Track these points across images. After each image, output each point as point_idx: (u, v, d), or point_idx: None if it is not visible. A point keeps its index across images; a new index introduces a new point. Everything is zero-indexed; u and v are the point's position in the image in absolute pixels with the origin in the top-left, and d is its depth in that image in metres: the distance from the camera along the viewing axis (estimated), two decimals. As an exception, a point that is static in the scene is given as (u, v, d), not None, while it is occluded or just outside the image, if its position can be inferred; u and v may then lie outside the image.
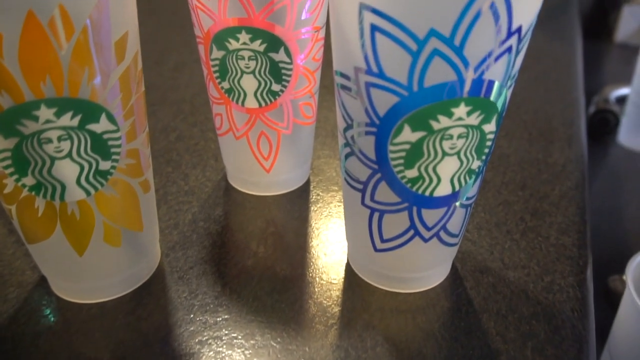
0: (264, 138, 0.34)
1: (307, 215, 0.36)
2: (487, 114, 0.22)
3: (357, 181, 0.26)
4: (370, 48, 0.21)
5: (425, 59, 0.20)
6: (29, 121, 0.21)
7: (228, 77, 0.32)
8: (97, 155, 0.24)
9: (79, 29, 0.20)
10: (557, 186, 0.38)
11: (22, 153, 0.22)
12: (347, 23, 0.22)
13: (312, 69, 0.33)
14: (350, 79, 0.23)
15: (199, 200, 0.37)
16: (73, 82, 0.21)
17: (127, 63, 0.23)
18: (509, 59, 0.21)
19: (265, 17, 0.29)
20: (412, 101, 0.21)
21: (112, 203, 0.25)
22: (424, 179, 0.24)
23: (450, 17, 0.19)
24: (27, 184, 0.23)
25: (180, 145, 0.44)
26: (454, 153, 0.23)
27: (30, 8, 0.19)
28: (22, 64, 0.20)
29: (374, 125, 0.23)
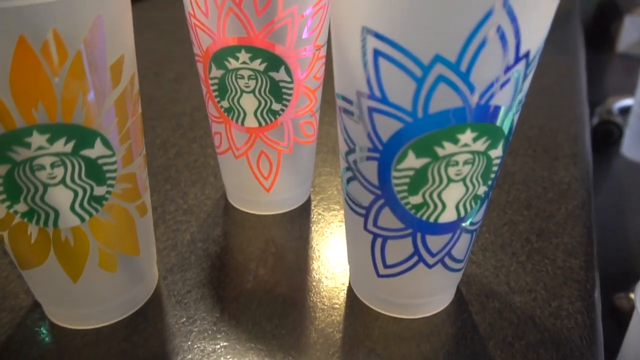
0: (264, 157, 0.34)
1: (308, 236, 0.35)
2: (493, 140, 0.22)
3: (360, 206, 0.25)
4: (373, 73, 0.20)
5: (430, 85, 0.20)
6: (20, 148, 0.21)
7: (227, 96, 0.31)
8: (92, 180, 0.23)
9: (73, 54, 0.20)
10: (563, 205, 0.37)
11: (13, 180, 0.21)
12: (349, 47, 0.21)
13: (313, 87, 0.32)
14: (352, 103, 0.23)
15: (197, 219, 0.36)
16: (67, 107, 0.20)
17: (123, 86, 0.22)
18: (516, 84, 0.21)
19: (265, 36, 0.28)
20: (417, 127, 0.21)
21: (107, 228, 0.25)
22: (429, 205, 0.23)
23: (456, 42, 0.19)
24: (19, 210, 0.23)
25: (180, 162, 0.43)
26: (460, 179, 0.22)
27: (22, 34, 0.18)
28: (14, 90, 0.19)
29: (377, 151, 0.22)
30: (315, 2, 0.29)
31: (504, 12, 0.18)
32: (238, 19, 0.28)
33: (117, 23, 0.21)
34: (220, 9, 0.28)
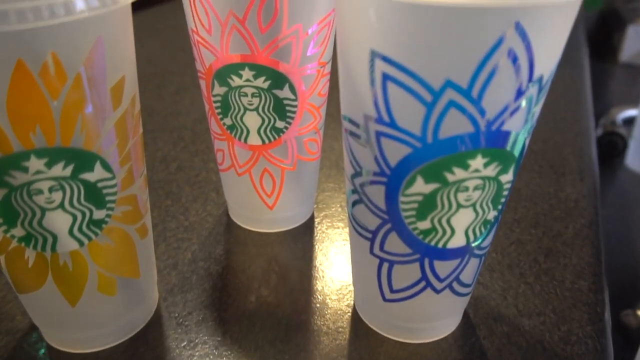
0: (267, 175, 0.33)
1: (312, 255, 0.34)
2: (504, 165, 0.21)
3: (366, 229, 0.25)
4: (382, 97, 0.20)
5: (440, 111, 0.19)
6: (17, 172, 0.20)
7: (230, 114, 0.31)
8: (91, 204, 0.22)
9: (72, 77, 0.19)
10: (571, 224, 0.37)
11: (10, 204, 0.21)
12: (356, 69, 0.20)
13: (317, 104, 0.32)
14: (359, 126, 0.22)
15: (199, 237, 0.36)
16: (65, 131, 0.20)
17: (124, 107, 0.22)
18: (528, 108, 0.20)
19: (269, 54, 0.28)
20: (426, 153, 0.20)
21: (106, 252, 0.24)
22: (437, 231, 0.23)
23: (467, 68, 0.18)
24: (16, 235, 0.22)
25: (181, 177, 0.42)
26: (470, 205, 0.22)
27: (20, 57, 0.18)
28: (11, 115, 0.19)
29: (384, 175, 0.22)
30: (320, 19, 0.28)
31: (517, 36, 0.17)
32: (242, 36, 0.27)
33: (118, 43, 0.21)
34: (224, 26, 0.27)
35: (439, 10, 0.17)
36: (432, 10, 0.17)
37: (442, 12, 0.17)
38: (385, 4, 0.18)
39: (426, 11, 0.17)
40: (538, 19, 0.17)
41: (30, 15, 0.16)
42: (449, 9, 0.17)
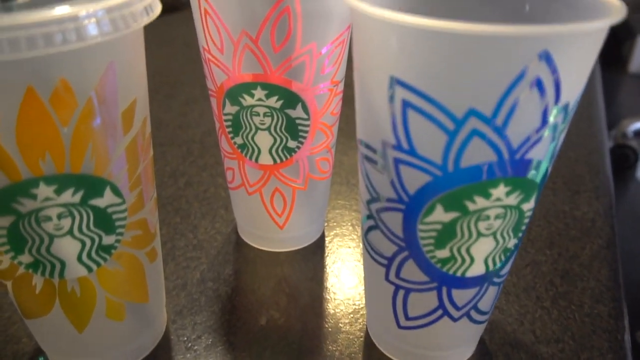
0: (278, 194, 0.33)
1: (323, 276, 0.34)
2: (527, 194, 0.20)
3: (381, 256, 0.24)
4: (401, 124, 0.19)
5: (462, 139, 0.18)
6: (26, 199, 0.19)
7: (241, 133, 0.30)
8: (101, 230, 0.22)
9: (83, 103, 0.18)
10: (587, 244, 0.36)
11: (18, 231, 0.20)
12: (375, 95, 0.20)
13: (329, 123, 0.31)
14: (376, 152, 0.21)
15: (208, 256, 0.35)
16: (75, 157, 0.19)
17: (134, 132, 0.21)
18: (553, 136, 0.19)
19: (282, 74, 0.27)
20: (447, 181, 0.19)
21: (115, 278, 0.24)
22: (456, 259, 0.22)
23: (492, 96, 0.17)
24: (23, 261, 0.21)
25: (189, 192, 0.42)
26: (490, 233, 0.21)
27: (30, 84, 0.17)
28: (20, 143, 0.18)
29: (402, 203, 0.21)
30: (334, 38, 0.28)
31: (544, 64, 0.17)
32: (254, 55, 0.27)
33: (130, 67, 0.20)
34: (236, 45, 0.27)
35: (463, 38, 0.16)
36: (456, 37, 0.16)
37: (467, 40, 0.16)
38: (408, 31, 0.17)
39: (450, 39, 0.16)
40: (566, 47, 0.17)
41: (41, 42, 0.16)
42: (474, 37, 0.16)
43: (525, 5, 0.23)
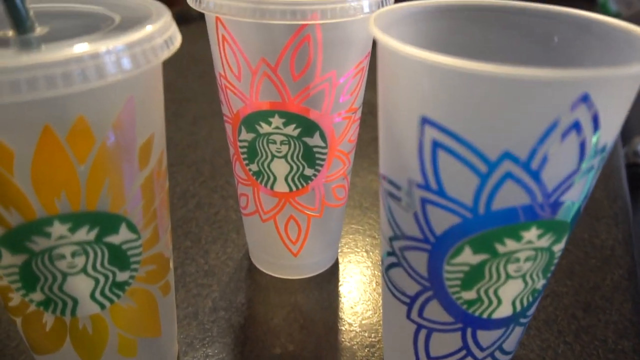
0: (292, 222, 0.32)
1: (337, 305, 0.33)
2: (558, 235, 0.20)
3: (403, 294, 0.23)
4: (430, 164, 0.18)
5: (495, 182, 0.18)
6: (40, 238, 0.19)
7: (257, 160, 0.29)
8: (115, 267, 0.21)
9: (101, 140, 0.18)
10: (608, 275, 0.35)
11: (30, 270, 0.20)
12: (403, 133, 0.19)
13: (346, 150, 0.30)
14: (400, 189, 0.21)
15: (219, 283, 0.34)
16: (91, 195, 0.19)
17: (151, 167, 0.21)
18: (589, 178, 0.18)
19: (301, 102, 0.27)
20: (477, 224, 0.19)
21: (128, 314, 0.23)
22: (483, 301, 0.21)
23: (528, 139, 0.17)
24: (34, 299, 0.21)
25: (200, 215, 0.41)
26: (519, 276, 0.20)
27: (47, 122, 0.16)
28: (35, 181, 0.17)
29: (429, 243, 0.20)
30: (354, 66, 0.27)
31: (584, 108, 0.16)
32: (273, 83, 0.26)
33: (149, 101, 0.20)
34: (255, 72, 0.26)
35: (500, 79, 0.15)
36: (494, 79, 0.16)
37: (504, 82, 0.16)
38: (442, 71, 0.16)
39: (487, 80, 0.16)
40: (607, 90, 0.16)
41: (60, 81, 0.15)
42: (511, 79, 0.15)
43: (553, 37, 0.22)
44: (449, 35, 0.23)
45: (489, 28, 0.23)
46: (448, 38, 0.23)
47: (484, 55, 0.23)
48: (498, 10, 0.23)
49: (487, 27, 0.23)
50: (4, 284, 0.20)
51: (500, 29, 0.23)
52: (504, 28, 0.23)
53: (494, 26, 0.23)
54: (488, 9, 0.23)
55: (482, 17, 0.23)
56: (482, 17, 0.23)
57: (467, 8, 0.23)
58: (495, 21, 0.23)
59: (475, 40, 0.23)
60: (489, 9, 0.23)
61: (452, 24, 0.23)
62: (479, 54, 0.23)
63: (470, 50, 0.23)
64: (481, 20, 0.23)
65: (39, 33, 0.19)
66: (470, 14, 0.23)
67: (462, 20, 0.23)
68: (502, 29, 0.23)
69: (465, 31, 0.23)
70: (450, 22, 0.23)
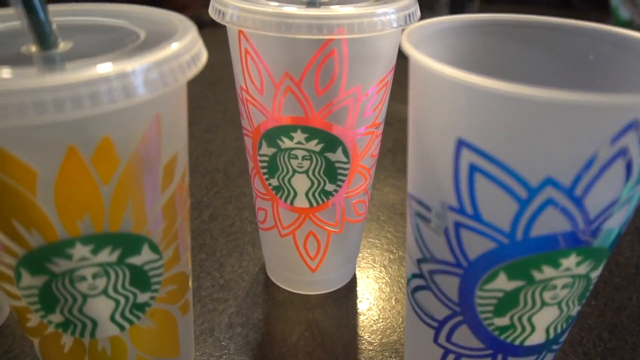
0: (312, 238, 0.31)
1: (356, 323, 0.32)
2: (597, 262, 0.19)
3: (431, 318, 0.22)
4: (467, 188, 0.18)
5: (535, 208, 0.17)
6: (61, 259, 0.18)
7: (277, 175, 0.29)
8: (136, 288, 0.20)
9: (125, 160, 0.17)
10: (634, 294, 0.34)
11: (50, 291, 0.19)
12: (437, 156, 0.18)
13: (368, 165, 0.30)
14: (430, 210, 0.20)
15: (236, 298, 0.34)
16: (114, 216, 0.18)
17: (174, 186, 0.20)
18: (632, 203, 0.18)
19: (324, 117, 0.26)
20: (513, 250, 0.18)
21: (148, 335, 0.22)
22: (516, 328, 0.20)
23: (573, 165, 0.16)
24: (53, 320, 0.20)
25: (215, 226, 0.41)
26: (555, 303, 0.20)
27: (72, 143, 0.16)
28: (58, 203, 0.17)
29: (461, 267, 0.20)
30: (378, 81, 0.26)
31: (633, 134, 0.15)
32: (296, 98, 0.25)
33: (174, 119, 0.19)
34: (278, 87, 0.25)
35: (545, 103, 0.15)
36: (537, 103, 0.15)
37: (549, 106, 0.15)
38: (483, 93, 0.16)
39: (532, 104, 0.15)
40: (657, 115, 0.15)
41: (87, 102, 0.15)
42: (557, 104, 0.15)
43: (589, 54, 0.22)
44: (481, 51, 0.22)
45: (522, 44, 0.23)
46: (479, 54, 0.22)
47: (517, 73, 0.23)
48: (530, 26, 0.22)
49: (520, 43, 0.23)
50: (23, 304, 0.20)
51: (533, 45, 0.23)
52: (536, 44, 0.23)
53: (527, 42, 0.23)
54: (520, 25, 0.22)
55: (514, 33, 0.23)
56: (514, 32, 0.23)
57: (499, 23, 0.23)
58: (528, 37, 0.23)
59: (507, 56, 0.23)
60: (521, 25, 0.22)
61: (484, 39, 0.22)
62: (512, 72, 0.22)
63: (502, 68, 0.23)
64: (513, 36, 0.23)
65: (62, 49, 0.19)
66: (502, 29, 0.23)
67: (493, 35, 0.23)
68: (535, 45, 0.23)
69: (497, 47, 0.22)
70: (481, 37, 0.23)
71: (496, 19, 0.23)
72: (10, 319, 0.32)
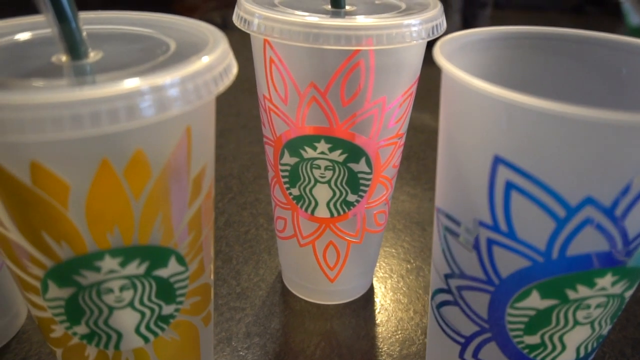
0: (331, 248, 0.31)
1: (375, 334, 0.32)
2: (632, 282, 0.19)
3: (457, 333, 0.22)
4: (502, 206, 0.17)
5: (573, 228, 0.17)
6: (89, 272, 0.18)
7: (299, 185, 0.28)
8: (161, 300, 0.20)
9: (157, 173, 0.17)
10: (656, 309, 0.34)
11: (76, 303, 0.19)
12: (469, 171, 0.18)
13: (390, 176, 0.29)
14: (460, 225, 0.20)
15: (252, 307, 0.33)
16: (144, 229, 0.18)
17: (202, 197, 0.20)
18: (670, 224, 0.17)
19: (348, 128, 0.26)
20: (548, 268, 0.18)
21: (171, 347, 0.22)
22: (546, 346, 0.20)
23: (614, 185, 0.16)
24: (78, 332, 0.20)
25: (230, 233, 0.40)
26: (587, 322, 0.19)
27: (105, 157, 0.16)
28: (89, 215, 0.17)
29: (492, 284, 0.19)
30: (403, 92, 0.26)
31: (676, 153, 0.15)
32: (321, 108, 0.25)
33: (204, 131, 0.19)
34: (302, 97, 0.25)
35: (589, 123, 0.14)
36: (581, 122, 0.15)
37: (593, 125, 0.15)
38: (521, 110, 0.15)
39: (573, 123, 0.15)
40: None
41: (123, 116, 0.14)
42: (601, 124, 0.14)
43: (621, 68, 0.21)
44: (510, 64, 0.22)
45: (552, 57, 0.22)
46: (509, 67, 0.22)
47: (547, 86, 0.22)
48: (561, 39, 0.22)
49: (550, 56, 0.22)
50: (47, 315, 0.20)
51: (563, 58, 0.22)
52: (567, 57, 0.22)
53: (557, 55, 0.22)
54: (550, 37, 0.22)
55: (544, 46, 0.22)
56: (544, 45, 0.22)
57: (529, 36, 0.22)
58: (558, 50, 0.22)
59: (536, 69, 0.22)
60: (551, 37, 0.22)
61: (513, 52, 0.22)
62: (542, 85, 0.22)
63: (532, 81, 0.22)
64: (543, 48, 0.22)
65: (92, 58, 0.18)
66: (531, 42, 0.22)
67: (523, 48, 0.22)
68: (565, 58, 0.22)
69: (527, 60, 0.22)
70: (511, 50, 0.22)
71: (526, 31, 0.22)
72: (27, 324, 0.32)
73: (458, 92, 0.18)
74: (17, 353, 0.30)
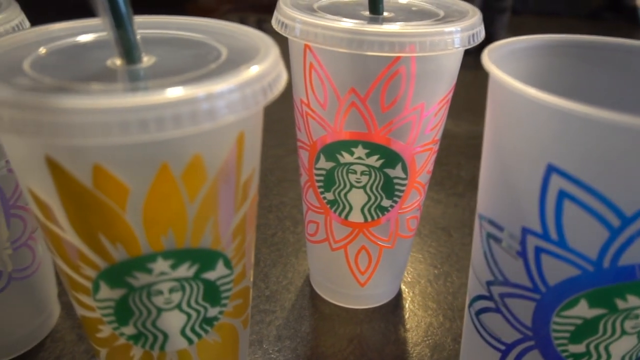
0: (364, 252, 0.31)
1: (406, 340, 0.32)
2: (681, 291, 0.19)
3: (498, 340, 0.22)
4: (553, 215, 0.17)
5: (627, 237, 0.17)
6: (141, 274, 0.18)
7: (334, 189, 0.29)
8: (207, 302, 0.20)
9: (212, 178, 0.17)
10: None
11: (126, 304, 0.19)
12: (519, 178, 0.18)
13: (424, 182, 0.29)
14: (503, 231, 0.20)
15: (282, 310, 0.34)
16: (197, 232, 0.18)
17: (249, 201, 0.20)
18: None
19: (387, 133, 0.26)
20: (598, 278, 0.18)
21: (213, 349, 0.22)
22: (591, 356, 0.20)
23: (671, 195, 0.16)
24: (125, 333, 0.20)
25: (257, 236, 0.41)
26: (635, 332, 0.19)
27: (165, 161, 0.16)
28: (146, 218, 0.17)
29: (538, 292, 0.19)
30: (441, 98, 0.26)
31: None
32: (360, 114, 0.25)
33: (255, 136, 0.19)
34: (342, 102, 0.25)
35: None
36: (638, 132, 0.15)
37: (653, 135, 0.15)
38: (577, 119, 0.15)
39: (631, 133, 0.15)
40: None
41: (186, 121, 0.15)
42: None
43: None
44: (559, 72, 0.22)
45: (597, 66, 0.22)
46: (558, 75, 0.22)
47: (592, 95, 0.22)
48: (606, 48, 0.22)
49: (595, 66, 0.22)
50: (96, 316, 0.20)
51: (608, 67, 0.22)
52: (611, 66, 0.22)
53: (602, 64, 0.22)
54: (595, 46, 0.22)
55: (588, 54, 0.22)
56: (588, 54, 0.22)
57: (574, 44, 0.22)
58: (603, 59, 0.22)
59: (581, 78, 0.23)
60: (596, 46, 0.22)
61: (562, 60, 0.22)
62: (586, 94, 0.22)
63: (576, 89, 0.22)
64: (588, 57, 0.22)
65: (146, 63, 0.19)
66: (576, 50, 0.22)
67: (567, 56, 0.22)
68: (610, 67, 0.22)
69: (575, 68, 0.22)
70: (555, 58, 0.22)
71: (571, 40, 0.22)
72: (60, 324, 0.32)
73: (509, 100, 0.18)
74: (52, 351, 0.30)
